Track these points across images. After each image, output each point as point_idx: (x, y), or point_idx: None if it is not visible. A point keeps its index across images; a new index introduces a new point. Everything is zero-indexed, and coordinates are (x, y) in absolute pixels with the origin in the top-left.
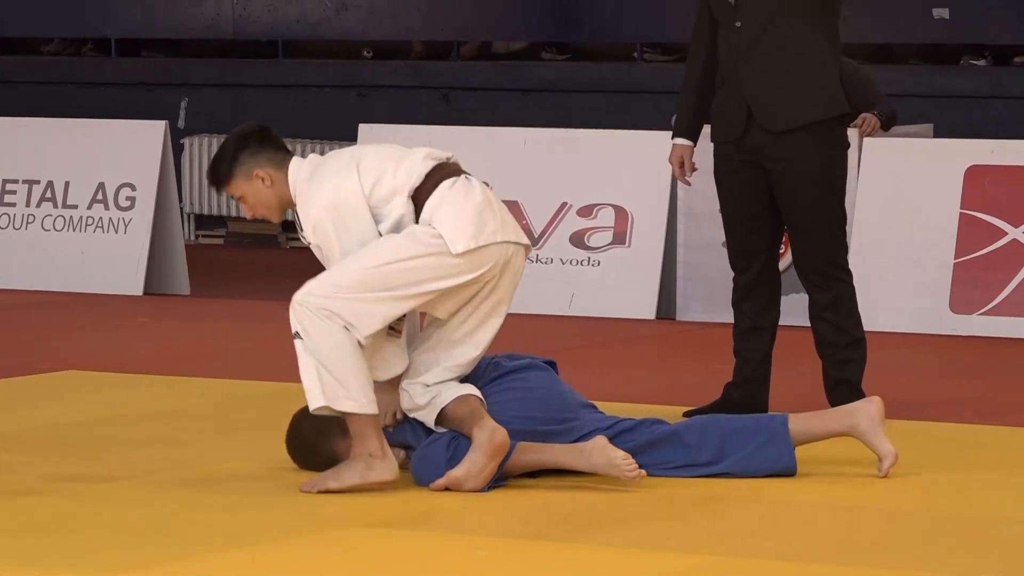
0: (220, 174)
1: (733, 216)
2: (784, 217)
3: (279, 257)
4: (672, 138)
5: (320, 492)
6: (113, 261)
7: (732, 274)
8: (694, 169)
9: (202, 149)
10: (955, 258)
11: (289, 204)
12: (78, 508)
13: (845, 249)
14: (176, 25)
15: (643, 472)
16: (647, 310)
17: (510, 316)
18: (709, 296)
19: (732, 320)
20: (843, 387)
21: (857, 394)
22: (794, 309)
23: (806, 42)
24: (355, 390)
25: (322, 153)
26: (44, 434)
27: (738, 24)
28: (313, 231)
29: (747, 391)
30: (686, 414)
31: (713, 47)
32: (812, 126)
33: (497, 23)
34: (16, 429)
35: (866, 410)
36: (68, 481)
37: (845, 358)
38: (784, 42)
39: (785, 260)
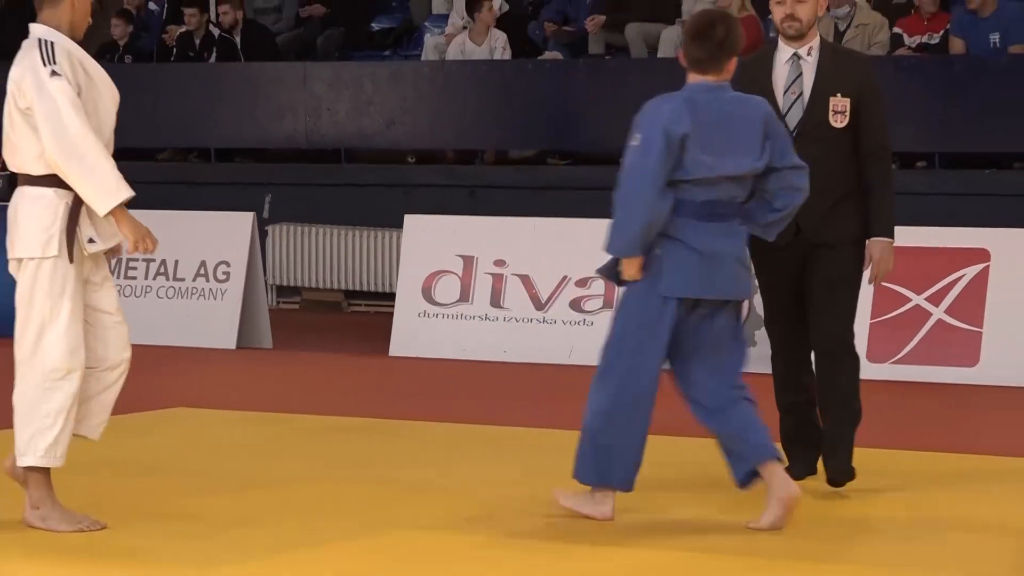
0: None
1: (783, 306)
2: (817, 294)
3: (342, 319)
4: None
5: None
6: (212, 322)
7: None
8: None
9: (283, 234)
10: (871, 319)
11: None
12: (183, 515)
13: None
14: (262, 137)
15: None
16: None
17: (523, 364)
18: None
19: None
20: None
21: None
22: None
23: (851, 169)
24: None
25: (374, 238)
26: (154, 458)
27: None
28: None
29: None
30: None
31: None
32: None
33: (513, 135)
34: (132, 455)
35: None
36: (171, 496)
37: (836, 440)
38: (834, 168)
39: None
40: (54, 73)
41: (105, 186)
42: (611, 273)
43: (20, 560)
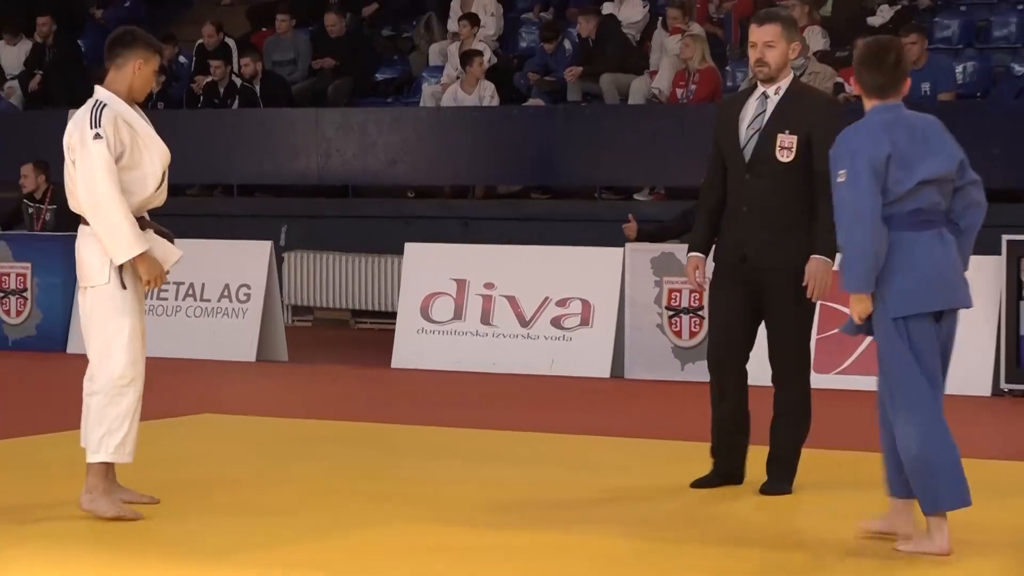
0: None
1: (722, 320)
2: (772, 315)
3: (350, 335)
4: (688, 252)
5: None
6: (235, 337)
7: (664, 342)
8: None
9: (297, 260)
10: (818, 335)
11: None
12: (210, 507)
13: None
14: (278, 175)
15: None
16: (604, 371)
17: (510, 375)
18: (648, 362)
19: (666, 377)
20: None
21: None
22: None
23: (799, 201)
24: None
25: (378, 264)
26: (182, 457)
27: (747, 177)
28: None
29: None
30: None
31: (723, 186)
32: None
33: (501, 173)
34: (163, 455)
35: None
36: (199, 491)
37: (783, 452)
38: (780, 199)
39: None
40: (97, 136)
41: (121, 241)
42: (851, 327)
43: (86, 549)
